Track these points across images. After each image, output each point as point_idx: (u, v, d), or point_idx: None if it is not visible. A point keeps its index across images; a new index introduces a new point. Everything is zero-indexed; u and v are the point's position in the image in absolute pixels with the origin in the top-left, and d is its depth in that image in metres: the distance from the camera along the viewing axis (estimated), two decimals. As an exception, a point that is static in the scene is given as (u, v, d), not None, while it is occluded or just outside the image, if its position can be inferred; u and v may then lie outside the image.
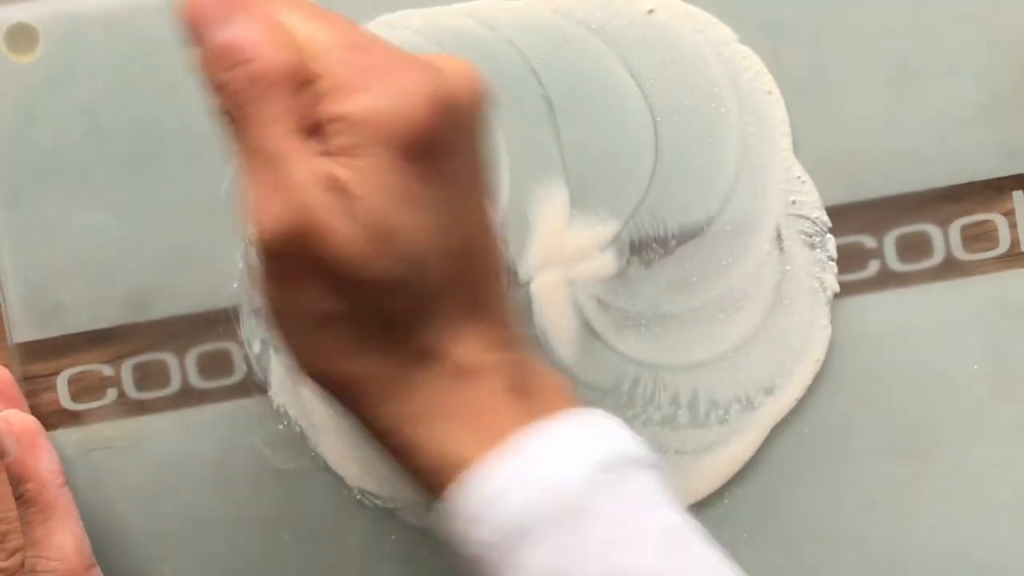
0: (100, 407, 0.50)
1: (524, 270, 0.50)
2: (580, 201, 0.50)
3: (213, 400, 0.50)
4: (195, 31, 0.39)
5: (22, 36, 0.49)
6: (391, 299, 0.38)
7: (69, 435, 0.49)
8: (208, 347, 0.50)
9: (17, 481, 0.46)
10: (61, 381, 0.49)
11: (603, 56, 0.50)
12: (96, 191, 0.49)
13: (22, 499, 0.46)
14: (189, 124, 0.49)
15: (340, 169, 0.37)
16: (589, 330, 0.50)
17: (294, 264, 0.37)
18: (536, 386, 0.39)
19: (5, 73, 0.49)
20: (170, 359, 0.50)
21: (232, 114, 0.38)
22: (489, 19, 0.50)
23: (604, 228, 0.50)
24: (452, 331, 0.39)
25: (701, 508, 0.50)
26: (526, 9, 0.50)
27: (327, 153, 0.37)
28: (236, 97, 0.38)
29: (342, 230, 0.37)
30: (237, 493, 0.50)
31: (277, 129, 0.37)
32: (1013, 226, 0.51)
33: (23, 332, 0.49)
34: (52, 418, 0.49)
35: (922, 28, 0.50)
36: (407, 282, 0.38)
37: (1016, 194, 0.51)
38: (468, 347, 0.39)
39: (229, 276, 0.50)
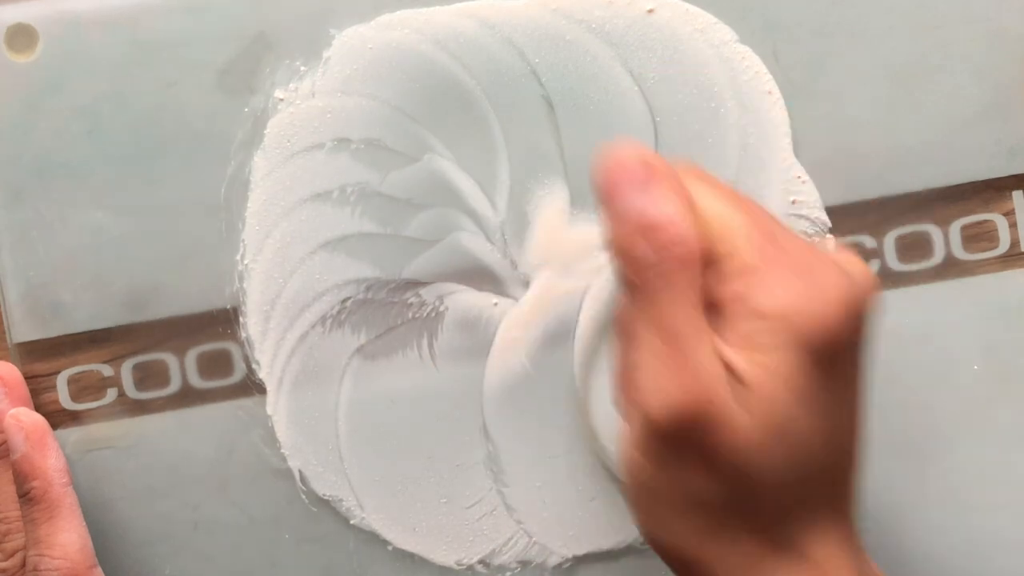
0: (100, 407, 0.50)
1: (524, 269, 0.50)
2: (580, 201, 0.50)
3: (213, 400, 0.50)
4: (609, 195, 0.38)
5: (22, 36, 0.49)
6: (768, 494, 0.37)
7: (69, 435, 0.49)
8: (208, 347, 0.50)
9: (23, 479, 0.46)
10: (61, 381, 0.49)
11: (603, 56, 0.50)
12: (96, 191, 0.49)
13: (27, 496, 0.46)
14: (189, 124, 0.49)
15: (743, 361, 0.36)
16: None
17: (677, 446, 0.37)
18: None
19: (5, 73, 0.49)
20: (170, 359, 0.50)
21: (634, 284, 0.37)
22: (489, 19, 0.50)
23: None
24: (813, 526, 0.38)
25: (701, 508, 0.50)
26: (526, 9, 0.50)
27: (726, 339, 0.37)
28: (644, 269, 0.37)
29: (738, 423, 0.36)
30: (237, 493, 0.50)
31: (683, 308, 0.36)
32: (1013, 226, 0.51)
33: (23, 332, 0.49)
34: (52, 418, 0.49)
35: (922, 28, 0.50)
36: (788, 480, 0.37)
37: (1016, 194, 0.51)
38: (824, 544, 0.38)
39: (229, 276, 0.50)
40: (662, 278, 0.37)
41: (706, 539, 0.38)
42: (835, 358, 0.37)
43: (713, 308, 0.37)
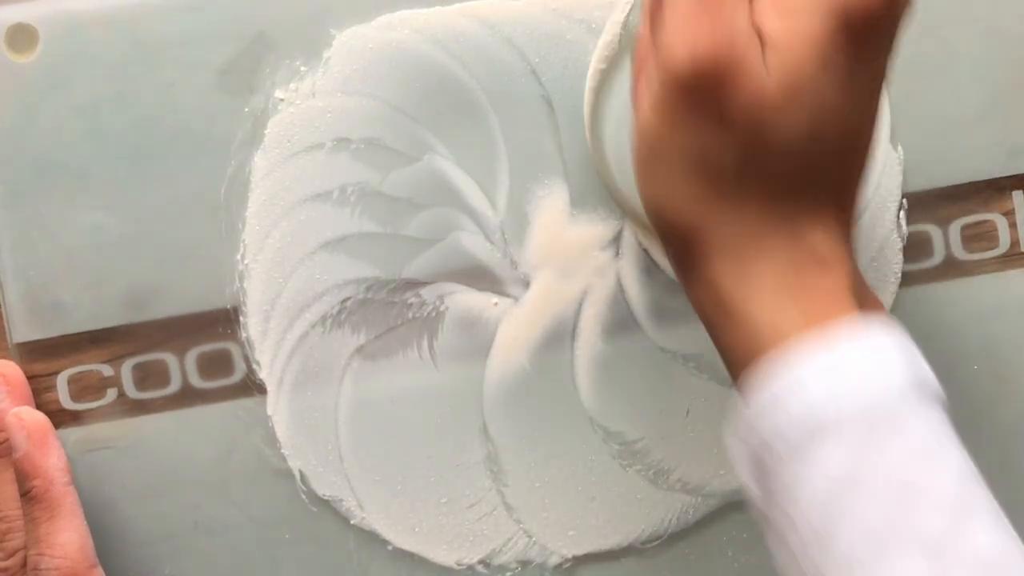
0: (100, 407, 0.50)
1: (524, 269, 0.50)
2: (580, 201, 0.50)
3: (213, 400, 0.50)
4: None
5: (22, 36, 0.49)
6: (777, 161, 0.38)
7: (69, 435, 0.49)
8: (208, 347, 0.50)
9: (25, 477, 0.46)
10: (61, 381, 0.49)
11: (603, 56, 0.50)
12: (96, 191, 0.49)
13: (28, 495, 0.46)
14: (189, 124, 0.49)
15: (773, 23, 0.37)
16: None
17: (695, 100, 0.37)
18: (864, 289, 0.39)
19: (5, 73, 0.49)
20: (170, 359, 0.50)
21: None
22: (489, 19, 0.50)
23: (604, 227, 0.50)
24: (816, 214, 0.38)
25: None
26: (526, 9, 0.50)
27: (761, 3, 0.37)
28: None
29: (759, 80, 0.37)
30: (237, 493, 0.50)
31: None
32: (1013, 226, 0.51)
33: (23, 332, 0.49)
34: (52, 418, 0.49)
35: (922, 28, 0.50)
36: (799, 150, 0.37)
37: (1016, 194, 0.51)
38: (826, 235, 0.38)
39: (229, 276, 0.50)
40: None
41: (708, 205, 0.38)
42: (866, 34, 0.37)
43: None
